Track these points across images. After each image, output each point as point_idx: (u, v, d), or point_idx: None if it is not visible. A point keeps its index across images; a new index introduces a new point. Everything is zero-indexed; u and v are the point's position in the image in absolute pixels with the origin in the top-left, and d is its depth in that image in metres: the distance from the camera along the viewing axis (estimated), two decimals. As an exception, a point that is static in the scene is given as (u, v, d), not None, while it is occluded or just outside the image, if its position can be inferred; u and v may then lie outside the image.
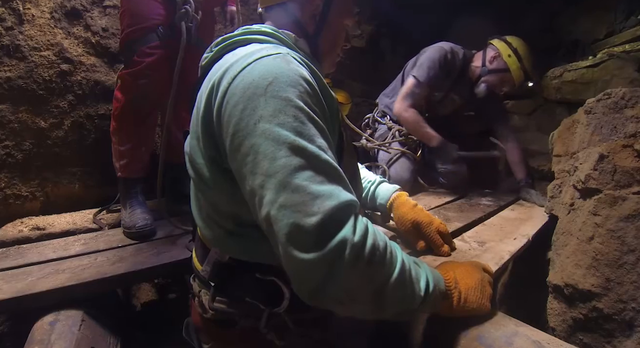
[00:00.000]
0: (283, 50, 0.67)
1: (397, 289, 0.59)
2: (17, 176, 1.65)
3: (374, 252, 0.56)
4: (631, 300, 1.01)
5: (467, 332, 0.89)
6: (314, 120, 0.60)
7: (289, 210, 0.53)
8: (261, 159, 0.56)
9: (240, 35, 0.74)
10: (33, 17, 1.62)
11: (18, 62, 1.59)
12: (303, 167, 0.55)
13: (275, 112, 0.57)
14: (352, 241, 0.53)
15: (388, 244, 0.60)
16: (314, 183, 0.54)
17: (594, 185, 1.12)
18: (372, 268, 0.56)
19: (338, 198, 0.54)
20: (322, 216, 0.52)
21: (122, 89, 1.50)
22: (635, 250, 1.02)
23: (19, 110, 1.61)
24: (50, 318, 1.05)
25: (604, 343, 1.08)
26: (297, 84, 0.60)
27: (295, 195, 0.53)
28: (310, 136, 0.57)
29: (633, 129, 1.22)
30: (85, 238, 1.46)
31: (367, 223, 0.59)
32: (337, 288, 0.54)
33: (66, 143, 1.74)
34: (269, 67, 0.61)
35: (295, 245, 0.53)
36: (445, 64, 1.95)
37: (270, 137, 0.56)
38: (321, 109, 0.64)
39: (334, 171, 0.58)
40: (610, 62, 1.75)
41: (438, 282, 0.70)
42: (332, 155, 0.60)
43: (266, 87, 0.58)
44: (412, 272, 0.63)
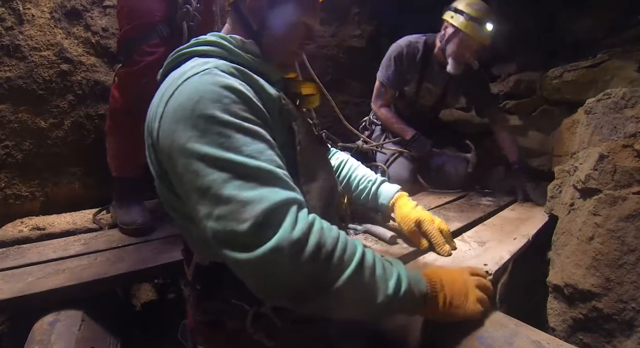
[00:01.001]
0: (210, 64, 0.67)
1: (352, 288, 0.59)
2: (17, 176, 1.65)
3: (319, 249, 0.57)
4: (631, 300, 1.01)
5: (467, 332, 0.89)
6: (243, 128, 0.61)
7: (224, 220, 0.56)
8: (194, 178, 0.59)
9: (188, 48, 0.76)
10: (33, 17, 1.62)
11: (18, 62, 1.59)
12: (232, 178, 0.57)
13: (202, 132, 0.59)
14: (291, 238, 0.55)
15: (340, 242, 0.60)
16: (243, 190, 0.56)
17: (594, 185, 1.12)
18: (317, 266, 0.57)
19: (270, 200, 0.56)
20: (254, 220, 0.55)
21: (121, 88, 1.49)
22: (635, 250, 1.02)
23: (19, 110, 1.61)
24: (50, 318, 1.05)
25: (604, 343, 1.08)
26: (222, 97, 0.62)
27: (227, 206, 0.56)
28: (238, 147, 0.59)
29: (633, 129, 1.22)
30: (85, 238, 1.46)
31: (313, 220, 0.59)
32: (282, 286, 0.57)
33: (66, 143, 1.73)
34: (194, 86, 0.63)
35: (236, 251, 0.56)
36: (400, 59, 1.98)
37: (199, 156, 0.59)
38: (254, 111, 0.65)
39: (268, 174, 0.59)
40: (610, 62, 1.75)
41: (417, 284, 0.69)
42: (270, 157, 0.61)
43: (192, 107, 0.61)
44: (377, 272, 0.63)
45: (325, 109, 2.33)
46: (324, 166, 0.89)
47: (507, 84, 2.18)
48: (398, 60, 1.98)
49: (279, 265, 0.55)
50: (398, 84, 2.05)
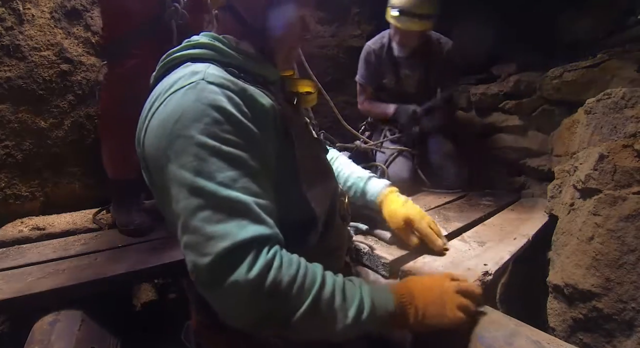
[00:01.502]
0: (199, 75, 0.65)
1: (308, 320, 0.60)
2: (17, 176, 1.65)
3: (275, 288, 0.57)
4: (631, 300, 1.01)
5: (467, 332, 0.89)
6: (221, 152, 0.60)
7: (189, 250, 0.58)
8: (169, 200, 0.61)
9: (179, 51, 0.74)
10: (33, 17, 1.62)
11: (18, 62, 1.59)
12: (201, 208, 0.57)
13: (178, 153, 0.59)
14: (247, 279, 0.55)
15: (298, 278, 0.60)
16: (209, 223, 0.56)
17: (594, 185, 1.12)
18: (273, 303, 0.58)
19: (233, 239, 0.56)
20: (213, 257, 0.55)
21: (109, 91, 1.47)
22: (635, 250, 1.02)
23: (19, 110, 1.61)
24: (50, 318, 1.05)
25: (604, 343, 1.08)
26: (203, 116, 0.60)
27: (192, 236, 0.57)
28: (211, 173, 0.58)
29: (633, 129, 1.22)
30: (85, 238, 1.46)
31: (272, 258, 0.58)
32: (241, 319, 0.58)
33: (66, 143, 1.73)
34: (178, 102, 0.62)
35: (197, 281, 0.58)
36: (369, 57, 2.17)
37: (173, 179, 0.59)
38: (237, 131, 0.63)
39: (239, 205, 0.58)
40: (610, 62, 1.75)
41: (383, 305, 0.68)
42: (244, 185, 0.60)
43: (172, 126, 0.61)
44: (335, 302, 0.63)
45: (325, 109, 2.34)
46: (324, 168, 0.89)
47: (507, 84, 2.18)
48: (367, 59, 2.18)
49: (235, 302, 0.57)
50: (374, 79, 2.21)
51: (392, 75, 2.17)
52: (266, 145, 0.68)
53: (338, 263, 0.92)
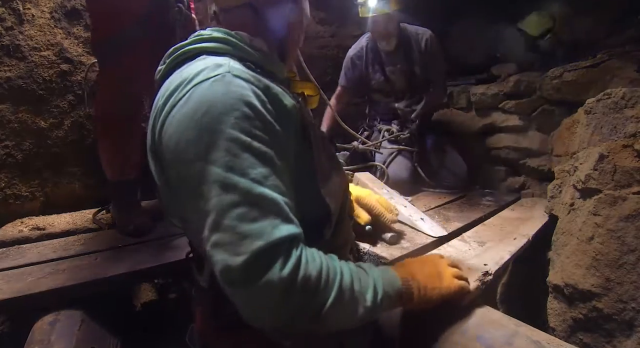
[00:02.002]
0: (224, 68, 0.63)
1: (336, 310, 0.60)
2: (17, 176, 1.65)
3: (306, 284, 0.57)
4: (631, 300, 1.01)
5: (467, 332, 0.90)
6: (252, 148, 0.58)
7: (220, 249, 0.55)
8: (196, 197, 0.57)
9: (190, 45, 0.72)
10: (33, 17, 1.62)
11: (18, 62, 1.59)
12: (234, 205, 0.55)
13: (208, 147, 0.57)
14: (281, 277, 0.54)
15: (323, 270, 0.60)
16: (244, 221, 0.55)
17: (594, 185, 1.12)
18: (304, 299, 0.57)
19: (268, 238, 0.55)
20: (248, 256, 0.53)
21: (103, 92, 1.45)
22: (635, 250, 1.02)
23: (19, 110, 1.61)
24: (50, 318, 1.05)
25: (604, 343, 1.08)
26: (233, 110, 0.58)
27: (225, 235, 0.54)
28: (244, 169, 0.56)
29: (633, 129, 1.22)
30: (85, 238, 1.46)
31: (300, 254, 0.58)
32: (274, 318, 0.57)
33: (66, 143, 1.73)
34: (204, 94, 0.59)
35: (227, 282, 0.55)
36: (351, 62, 2.25)
37: (203, 175, 0.56)
38: (266, 128, 0.61)
39: (271, 203, 0.57)
40: (610, 62, 1.75)
41: (391, 284, 0.72)
42: (274, 183, 0.59)
43: (200, 118, 0.58)
44: (355, 288, 0.64)
45: (325, 109, 2.34)
46: (336, 165, 0.89)
47: (507, 84, 2.17)
48: (349, 63, 2.25)
49: (269, 301, 0.55)
50: (356, 82, 2.27)
51: (379, 75, 2.21)
52: (287, 144, 0.67)
53: None
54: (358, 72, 2.23)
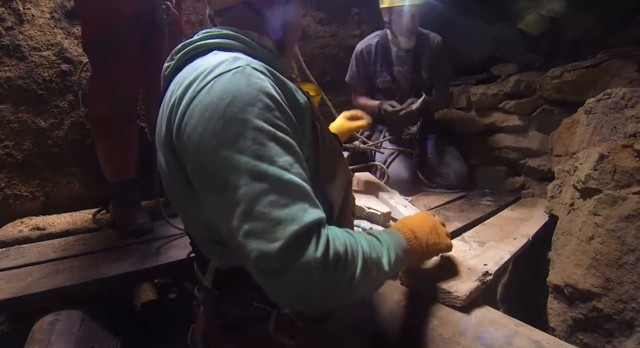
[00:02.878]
0: (243, 61, 0.64)
1: (363, 279, 0.62)
2: (17, 176, 1.65)
3: (337, 260, 0.58)
4: (631, 300, 1.01)
5: (467, 332, 0.90)
6: (276, 137, 0.59)
7: (254, 237, 0.54)
8: (221, 188, 0.57)
9: (200, 41, 0.72)
10: (33, 17, 1.62)
11: (18, 62, 1.59)
12: (265, 192, 0.55)
13: (234, 136, 0.57)
14: (316, 258, 0.55)
15: (348, 244, 0.61)
16: (276, 208, 0.55)
17: (594, 185, 1.12)
18: (338, 274, 0.58)
19: (300, 222, 0.55)
20: (284, 241, 0.53)
21: (96, 94, 1.44)
22: (635, 250, 1.02)
23: (19, 110, 1.61)
24: (50, 318, 1.05)
25: (604, 343, 1.08)
26: (257, 101, 0.59)
27: (258, 223, 0.55)
28: (272, 157, 0.57)
29: (633, 129, 1.22)
30: (85, 238, 1.46)
31: (327, 233, 0.59)
32: (309, 300, 0.57)
33: (66, 143, 1.73)
34: (227, 85, 0.60)
35: (263, 270, 0.55)
36: (357, 58, 2.20)
37: (230, 165, 0.56)
38: (286, 119, 0.63)
39: (299, 189, 0.58)
40: (610, 62, 1.75)
41: (398, 245, 0.76)
42: (298, 171, 0.60)
43: (224, 108, 0.58)
44: (374, 256, 0.67)
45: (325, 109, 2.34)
46: (342, 162, 0.90)
47: (507, 84, 2.18)
48: (356, 60, 2.21)
49: (307, 285, 0.55)
50: (364, 79, 2.23)
51: (386, 74, 2.18)
52: (303, 137, 0.69)
53: None
54: (364, 69, 2.21)
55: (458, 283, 1.01)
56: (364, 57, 2.19)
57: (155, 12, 1.36)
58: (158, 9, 1.35)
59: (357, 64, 2.21)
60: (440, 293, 1.00)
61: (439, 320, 0.95)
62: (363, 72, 2.21)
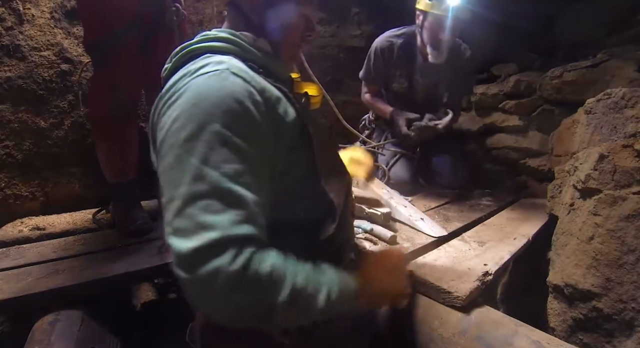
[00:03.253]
0: (224, 65, 0.65)
1: (287, 310, 0.61)
2: (17, 176, 1.65)
3: (254, 284, 0.57)
4: (631, 300, 1.01)
5: (467, 332, 0.90)
6: (231, 144, 0.60)
7: (177, 234, 0.56)
8: (169, 182, 0.60)
9: (197, 43, 0.74)
10: (33, 17, 1.62)
11: (18, 62, 1.59)
12: (201, 196, 0.57)
13: (190, 136, 0.59)
14: (228, 270, 0.55)
15: (275, 272, 0.60)
16: (206, 212, 0.56)
17: (594, 185, 1.12)
18: (252, 297, 0.58)
19: (223, 232, 0.56)
20: (198, 243, 0.54)
21: (96, 94, 1.44)
22: (635, 250, 1.02)
23: (19, 110, 1.61)
24: (50, 318, 1.05)
25: (604, 343, 1.08)
26: (222, 105, 0.60)
27: (185, 221, 0.56)
28: (218, 163, 0.58)
29: (633, 129, 1.22)
30: (85, 238, 1.46)
31: (252, 254, 0.58)
32: (216, 312, 0.58)
33: (66, 143, 1.73)
34: (199, 87, 0.62)
35: (178, 265, 0.56)
36: (376, 55, 1.97)
37: (180, 163, 0.59)
38: (253, 127, 0.63)
39: (238, 199, 0.58)
40: (610, 62, 1.75)
41: (349, 283, 0.70)
42: (246, 180, 0.60)
43: (189, 109, 0.60)
44: (309, 290, 0.64)
45: (325, 109, 2.33)
46: (339, 162, 0.90)
47: (507, 84, 2.18)
48: (374, 57, 1.98)
49: (212, 295, 0.56)
50: (378, 79, 2.06)
51: (404, 80, 2.01)
52: (276, 147, 0.68)
53: (345, 258, 0.92)
54: (381, 68, 2.00)
55: (458, 283, 1.01)
56: (384, 56, 1.95)
57: (164, 13, 1.36)
58: (168, 10, 1.35)
59: (374, 62, 1.99)
60: (440, 293, 1.00)
61: (439, 320, 0.95)
62: (379, 72, 2.02)
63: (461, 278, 1.04)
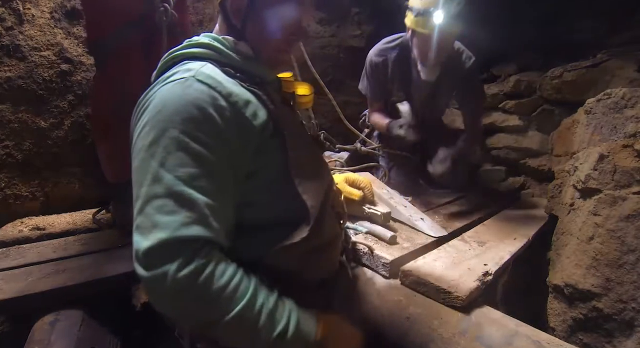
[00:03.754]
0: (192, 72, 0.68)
1: (234, 329, 0.63)
2: (17, 176, 1.65)
3: (201, 293, 0.60)
4: (631, 300, 1.01)
5: (467, 332, 0.90)
6: (187, 148, 0.63)
7: (138, 230, 0.61)
8: (135, 182, 0.65)
9: (179, 50, 0.76)
10: (33, 17, 1.62)
11: (18, 62, 1.59)
12: (158, 196, 0.61)
13: (152, 141, 0.63)
14: (175, 277, 0.58)
15: (229, 288, 0.62)
16: (160, 212, 0.61)
17: (594, 185, 1.13)
18: (197, 307, 0.61)
19: (172, 233, 0.59)
20: (151, 243, 0.59)
21: (98, 94, 1.44)
22: (635, 250, 1.02)
23: (19, 110, 1.61)
24: (50, 318, 1.05)
25: (604, 343, 1.08)
26: (182, 112, 0.64)
27: (143, 220, 0.61)
28: (173, 166, 0.62)
29: (633, 129, 1.22)
30: (85, 238, 1.46)
31: (207, 262, 0.61)
32: (166, 308, 0.63)
33: (66, 143, 1.73)
34: (164, 95, 0.66)
35: (136, 262, 0.61)
36: (371, 70, 1.82)
37: (143, 164, 0.64)
38: (214, 133, 0.65)
39: (190, 202, 0.62)
40: (610, 62, 1.75)
41: (308, 332, 0.70)
42: (200, 184, 0.63)
43: (154, 116, 0.65)
44: (262, 317, 0.64)
45: (326, 109, 2.34)
46: (319, 165, 0.89)
47: (507, 84, 2.18)
48: (370, 71, 1.83)
49: (160, 294, 0.61)
50: (378, 94, 1.90)
51: (402, 94, 1.87)
52: (242, 150, 0.70)
53: (330, 262, 0.91)
54: (379, 82, 1.85)
55: (458, 283, 1.01)
56: (378, 69, 1.81)
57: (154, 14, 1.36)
58: (157, 10, 1.35)
59: (370, 76, 1.85)
60: (440, 293, 1.00)
61: (439, 320, 0.95)
62: (377, 85, 1.86)
63: (461, 278, 1.04)
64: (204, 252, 0.61)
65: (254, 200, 0.74)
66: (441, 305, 1.00)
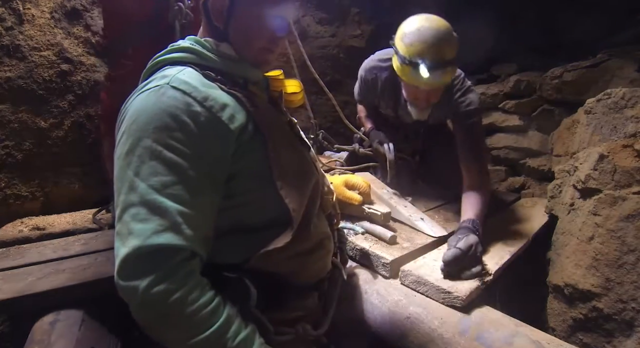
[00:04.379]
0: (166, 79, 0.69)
1: None
2: (17, 176, 1.64)
3: (170, 312, 0.62)
4: (631, 300, 1.01)
5: (467, 332, 0.90)
6: (160, 157, 0.64)
7: (117, 237, 0.64)
8: (115, 190, 0.67)
9: (162, 55, 0.78)
10: (33, 17, 1.62)
11: (18, 62, 1.59)
12: (133, 204, 0.63)
13: (128, 151, 0.65)
14: (146, 292, 0.60)
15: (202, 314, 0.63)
16: (134, 220, 0.62)
17: (594, 185, 1.13)
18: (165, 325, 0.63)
19: (144, 240, 0.61)
20: (128, 251, 0.61)
21: (109, 93, 1.45)
22: (635, 250, 1.02)
23: (19, 110, 1.61)
24: (50, 318, 1.05)
25: (604, 343, 1.08)
26: (155, 121, 0.65)
27: (121, 227, 0.63)
28: (146, 175, 0.64)
29: (633, 129, 1.22)
30: (85, 238, 1.45)
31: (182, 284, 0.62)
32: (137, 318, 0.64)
33: (66, 143, 1.73)
34: (139, 104, 0.68)
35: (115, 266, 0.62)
36: (364, 82, 1.73)
37: (120, 173, 0.66)
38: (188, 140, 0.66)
39: (159, 210, 0.63)
40: (610, 62, 1.75)
41: None
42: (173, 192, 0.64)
43: (130, 125, 0.67)
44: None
45: (326, 109, 2.34)
46: (305, 166, 0.86)
47: (507, 84, 2.18)
48: (364, 82, 1.74)
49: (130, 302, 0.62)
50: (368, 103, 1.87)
51: (391, 111, 1.75)
52: (219, 154, 0.70)
53: (320, 265, 0.88)
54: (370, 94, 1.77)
55: (458, 283, 1.01)
56: (368, 85, 1.71)
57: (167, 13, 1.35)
58: (171, 10, 1.35)
59: (363, 86, 1.77)
60: (440, 293, 1.00)
61: (439, 320, 0.95)
62: (368, 97, 1.81)
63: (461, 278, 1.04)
64: (179, 266, 0.62)
65: (237, 203, 0.74)
66: (441, 305, 1.00)
